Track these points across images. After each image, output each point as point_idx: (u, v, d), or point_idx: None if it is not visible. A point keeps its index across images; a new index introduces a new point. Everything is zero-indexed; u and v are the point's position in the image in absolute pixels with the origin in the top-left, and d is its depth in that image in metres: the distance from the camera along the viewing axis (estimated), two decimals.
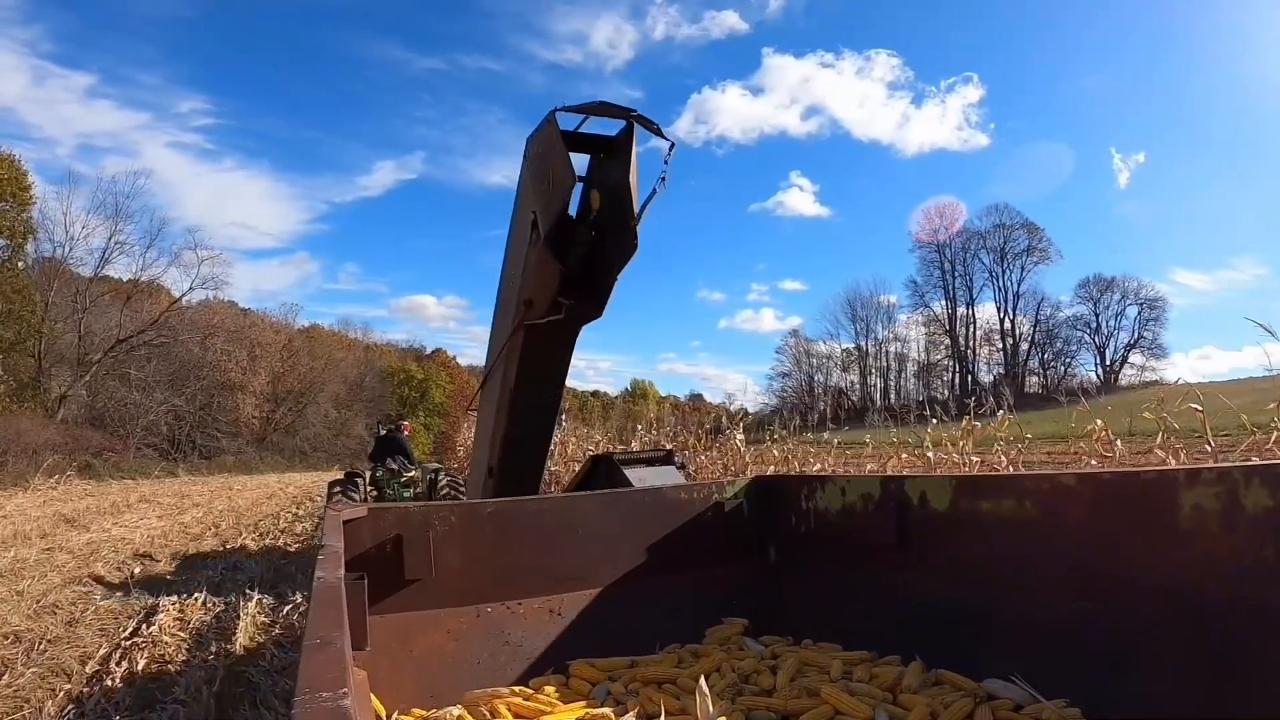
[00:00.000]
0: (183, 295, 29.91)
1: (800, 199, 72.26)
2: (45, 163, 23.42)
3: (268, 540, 8.06)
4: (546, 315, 3.40)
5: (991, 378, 50.35)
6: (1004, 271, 53.09)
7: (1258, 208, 57.23)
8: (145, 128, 55.23)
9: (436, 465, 9.78)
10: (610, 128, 3.39)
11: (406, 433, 9.77)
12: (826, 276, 71.44)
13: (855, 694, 1.75)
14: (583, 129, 3.36)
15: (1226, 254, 73.64)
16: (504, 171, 72.20)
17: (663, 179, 3.14)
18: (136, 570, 5.86)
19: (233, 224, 72.63)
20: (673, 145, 3.21)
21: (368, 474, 8.17)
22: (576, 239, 3.31)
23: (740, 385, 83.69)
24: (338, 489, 7.54)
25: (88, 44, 51.88)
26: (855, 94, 66.70)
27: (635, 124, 3.21)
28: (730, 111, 67.46)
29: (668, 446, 7.13)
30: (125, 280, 28.72)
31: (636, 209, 3.15)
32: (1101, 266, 58.72)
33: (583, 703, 1.83)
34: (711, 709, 1.69)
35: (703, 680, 1.78)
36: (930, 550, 2.13)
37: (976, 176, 68.14)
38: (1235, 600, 1.45)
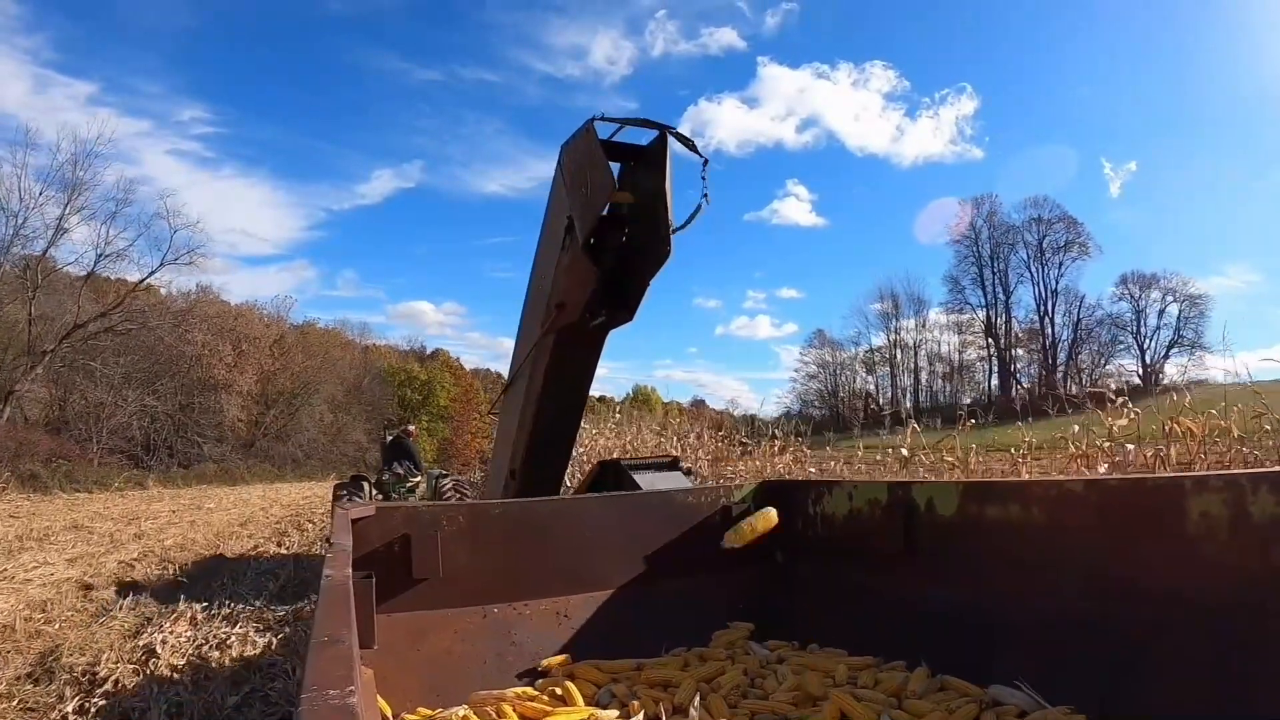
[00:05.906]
0: (151, 272, 26.78)
1: (797, 208, 73.96)
2: (44, 169, 24.15)
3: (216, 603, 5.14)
4: (578, 319, 3.58)
5: (1034, 378, 49.96)
6: (1043, 268, 52.68)
7: (1250, 214, 58.42)
8: (146, 135, 57.72)
9: (441, 471, 10.15)
10: (641, 137, 3.59)
11: (413, 438, 10.15)
12: (823, 285, 73.71)
13: (860, 699, 1.86)
14: (615, 138, 3.54)
15: (1219, 260, 76.09)
16: (501, 180, 75.58)
17: (704, 195, 3.39)
18: None
19: (232, 230, 75.22)
20: (705, 161, 3.45)
21: (374, 478, 8.65)
22: (608, 242, 3.53)
23: (737, 391, 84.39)
24: (344, 493, 8.00)
25: (90, 53, 53.62)
26: (851, 106, 68.01)
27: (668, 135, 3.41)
28: (726, 123, 68.47)
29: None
30: (85, 258, 25.51)
31: (672, 216, 3.36)
32: (1096, 275, 59.63)
33: (587, 705, 1.96)
34: (710, 715, 1.82)
35: (697, 699, 1.90)
36: (937, 556, 2.24)
37: (972, 188, 70.15)
38: (1243, 606, 1.55)
